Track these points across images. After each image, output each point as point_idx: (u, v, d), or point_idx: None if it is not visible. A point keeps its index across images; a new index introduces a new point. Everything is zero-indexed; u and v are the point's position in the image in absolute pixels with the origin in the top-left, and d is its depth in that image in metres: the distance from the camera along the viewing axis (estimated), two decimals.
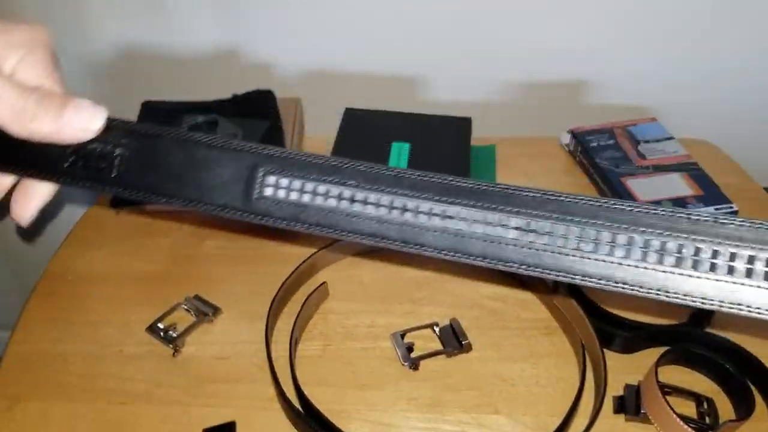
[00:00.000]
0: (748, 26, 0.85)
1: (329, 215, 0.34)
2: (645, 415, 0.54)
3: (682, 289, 0.30)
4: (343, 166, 0.34)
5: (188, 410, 0.56)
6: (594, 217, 0.31)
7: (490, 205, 0.33)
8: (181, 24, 0.88)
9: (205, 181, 0.34)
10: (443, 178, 0.33)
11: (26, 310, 0.65)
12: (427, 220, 0.33)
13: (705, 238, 0.30)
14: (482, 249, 0.33)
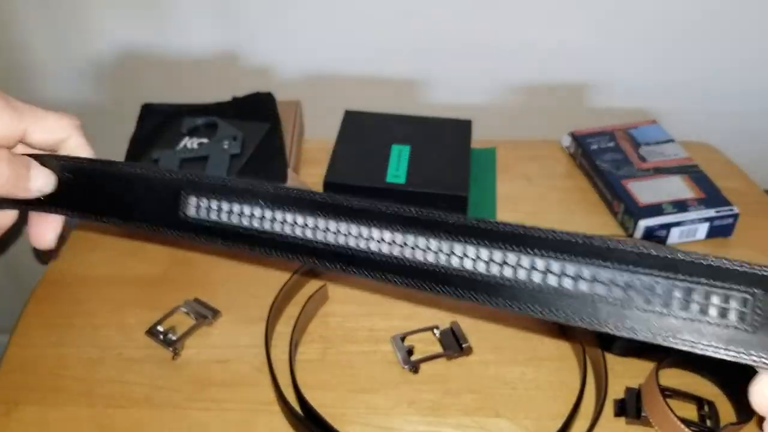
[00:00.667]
0: (750, 29, 0.85)
1: (244, 232, 0.37)
2: (646, 418, 0.53)
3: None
4: (253, 188, 0.37)
5: (188, 414, 0.56)
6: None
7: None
8: (181, 26, 0.88)
9: (137, 203, 0.40)
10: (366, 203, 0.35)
11: (25, 313, 0.65)
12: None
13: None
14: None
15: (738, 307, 0.29)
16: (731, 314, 0.29)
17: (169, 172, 0.39)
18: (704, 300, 0.30)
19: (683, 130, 0.86)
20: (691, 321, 0.30)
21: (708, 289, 0.30)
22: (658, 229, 0.69)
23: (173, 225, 0.39)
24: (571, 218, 0.75)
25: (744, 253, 0.70)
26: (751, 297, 0.29)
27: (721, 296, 0.29)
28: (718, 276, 0.30)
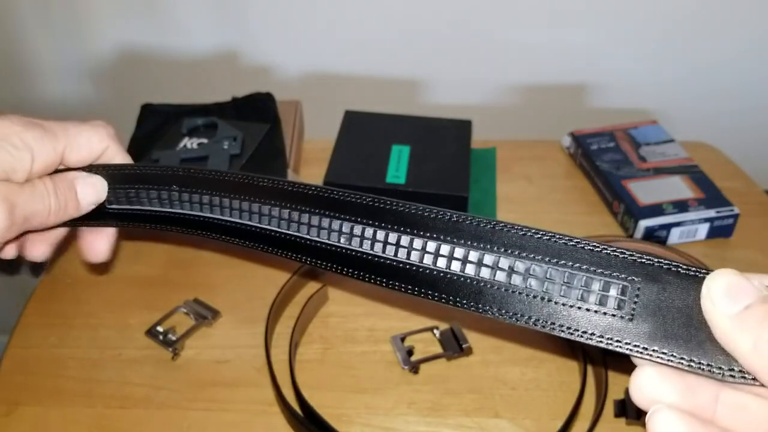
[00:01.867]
0: (750, 30, 0.85)
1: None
2: None
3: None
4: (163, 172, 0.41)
5: (187, 414, 0.56)
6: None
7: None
8: (180, 26, 0.88)
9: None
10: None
11: (25, 313, 0.65)
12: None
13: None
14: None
15: (617, 295, 0.29)
16: (610, 301, 0.29)
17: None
18: (584, 286, 0.30)
19: (683, 130, 0.86)
20: (570, 307, 0.30)
21: (588, 276, 0.30)
22: (658, 230, 0.69)
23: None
24: (571, 218, 0.75)
25: (745, 253, 0.70)
26: (629, 285, 0.29)
27: (602, 283, 0.29)
28: (599, 263, 0.29)
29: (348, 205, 0.35)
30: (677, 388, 0.27)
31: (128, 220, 0.42)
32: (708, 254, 0.69)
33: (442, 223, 0.33)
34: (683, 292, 0.28)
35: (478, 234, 0.32)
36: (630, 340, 0.29)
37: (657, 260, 0.29)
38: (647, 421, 0.27)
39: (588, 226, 0.73)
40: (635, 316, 0.29)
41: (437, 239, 0.33)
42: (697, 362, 0.27)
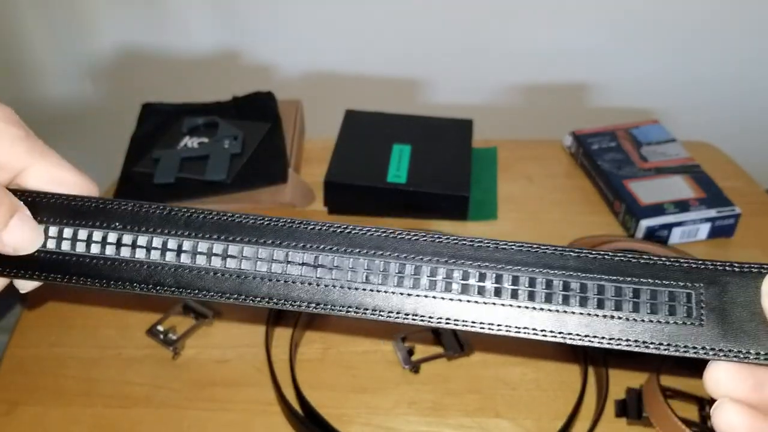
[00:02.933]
0: (751, 29, 0.85)
1: (91, 264, 0.32)
2: (647, 418, 0.53)
3: (471, 318, 0.31)
4: (108, 207, 0.33)
5: (188, 414, 0.56)
6: (380, 248, 0.31)
7: (275, 241, 0.31)
8: (181, 26, 0.88)
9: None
10: (220, 214, 0.32)
11: (24, 313, 0.65)
12: (206, 261, 0.32)
13: (488, 263, 0.31)
14: (268, 290, 0.32)
15: (685, 303, 0.29)
16: (679, 310, 0.29)
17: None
18: (651, 299, 0.30)
19: (685, 129, 0.86)
20: (642, 322, 0.30)
21: (653, 288, 0.30)
22: (659, 229, 0.69)
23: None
24: (572, 218, 0.75)
25: (746, 253, 0.70)
26: (692, 292, 0.29)
27: (666, 294, 0.30)
28: (660, 275, 0.30)
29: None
30: (748, 384, 0.29)
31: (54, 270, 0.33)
32: (709, 254, 0.69)
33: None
34: (743, 290, 0.29)
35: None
36: (705, 345, 0.29)
37: (712, 263, 0.30)
38: (712, 414, 0.29)
39: (589, 226, 0.73)
40: (704, 320, 0.29)
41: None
42: (764, 354, 0.28)
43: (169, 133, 0.78)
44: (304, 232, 0.31)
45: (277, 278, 0.31)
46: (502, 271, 0.31)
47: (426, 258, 0.31)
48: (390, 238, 0.31)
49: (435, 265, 0.31)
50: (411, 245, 0.31)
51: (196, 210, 0.32)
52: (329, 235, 0.31)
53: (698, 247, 0.70)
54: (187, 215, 0.32)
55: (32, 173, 0.34)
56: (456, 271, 0.30)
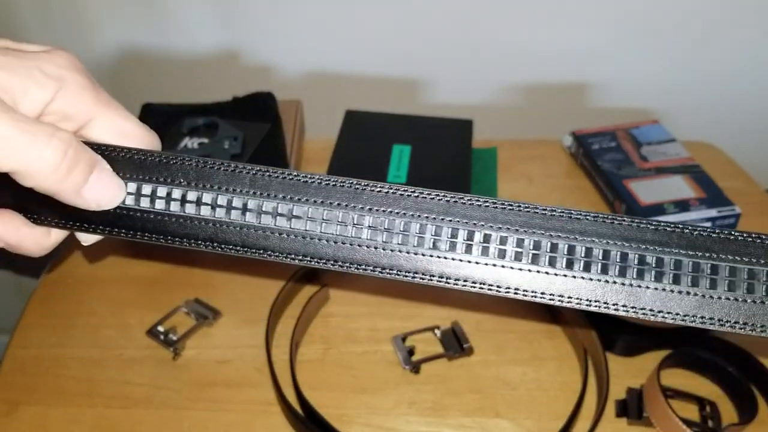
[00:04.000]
0: (752, 29, 0.85)
1: (156, 219, 0.32)
2: (647, 418, 0.53)
3: (540, 289, 0.30)
4: (172, 162, 0.32)
5: (188, 414, 0.56)
6: (449, 213, 0.30)
7: (341, 203, 0.31)
8: (181, 26, 0.88)
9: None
10: (286, 173, 0.31)
11: (25, 313, 0.65)
12: (271, 221, 0.31)
13: (561, 234, 0.30)
14: (333, 252, 0.31)
15: (765, 281, 0.28)
16: (758, 288, 0.28)
17: None
18: (730, 276, 0.29)
19: (685, 129, 0.86)
20: (710, 299, 0.29)
21: (732, 265, 0.29)
22: None
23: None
24: None
25: None
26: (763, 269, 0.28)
27: (746, 271, 0.29)
28: (740, 251, 0.29)
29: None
30: None
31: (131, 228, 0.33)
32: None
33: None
34: None
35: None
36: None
37: None
38: None
39: None
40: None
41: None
42: None
43: (169, 134, 0.78)
44: (371, 194, 0.31)
45: (343, 241, 0.31)
46: (574, 242, 0.30)
47: (496, 226, 0.30)
48: (459, 204, 0.30)
49: (504, 233, 0.30)
50: (480, 212, 0.30)
51: (261, 168, 0.32)
52: (397, 199, 0.31)
53: None
54: (253, 173, 0.32)
55: (97, 124, 0.33)
56: (527, 239, 0.30)
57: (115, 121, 0.33)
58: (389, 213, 0.31)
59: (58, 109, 0.31)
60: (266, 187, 0.31)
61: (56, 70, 0.31)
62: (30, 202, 0.34)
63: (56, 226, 0.34)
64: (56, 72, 0.31)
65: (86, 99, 0.32)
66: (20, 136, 0.28)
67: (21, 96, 0.30)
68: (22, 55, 0.30)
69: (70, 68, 0.31)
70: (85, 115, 0.32)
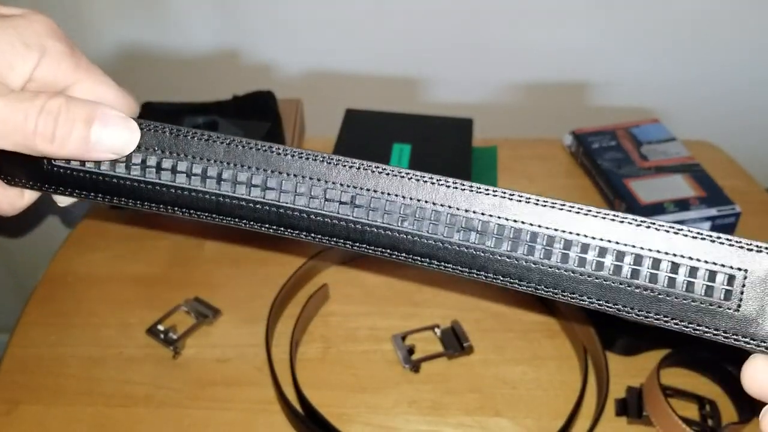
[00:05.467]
0: (752, 28, 0.84)
1: (132, 186, 0.33)
2: (647, 417, 0.53)
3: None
4: (147, 129, 0.32)
5: (188, 413, 0.56)
6: (422, 197, 0.32)
7: (312, 176, 0.32)
8: (181, 25, 0.88)
9: None
10: (260, 144, 0.32)
11: (25, 312, 0.65)
12: (245, 191, 0.32)
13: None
14: (307, 224, 0.32)
15: (724, 286, 0.28)
16: (716, 292, 0.28)
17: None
18: (691, 277, 0.29)
19: (685, 128, 0.86)
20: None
21: (693, 264, 0.29)
22: None
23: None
24: None
25: None
26: (737, 275, 0.28)
27: (708, 273, 0.28)
28: (710, 253, 0.29)
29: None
30: None
31: (133, 196, 0.33)
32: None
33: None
34: None
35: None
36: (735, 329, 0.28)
37: (757, 246, 0.28)
38: (761, 419, 0.27)
39: None
40: (741, 305, 0.28)
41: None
42: None
43: None
44: (343, 169, 0.32)
45: (316, 214, 0.32)
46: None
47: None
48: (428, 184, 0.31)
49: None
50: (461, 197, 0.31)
51: (235, 139, 0.32)
52: (368, 176, 0.32)
53: None
54: (227, 143, 0.32)
55: (76, 90, 0.33)
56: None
57: (93, 87, 0.34)
58: (360, 189, 0.32)
59: (39, 76, 0.31)
60: (241, 158, 0.32)
61: (37, 39, 0.31)
62: (4, 165, 0.34)
63: (30, 188, 0.34)
64: (37, 41, 0.31)
65: (66, 66, 0.32)
66: (13, 115, 0.29)
67: (8, 71, 0.30)
68: (2, 24, 0.30)
69: (49, 35, 0.32)
70: (64, 82, 0.33)
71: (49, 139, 0.30)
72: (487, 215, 0.31)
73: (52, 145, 0.30)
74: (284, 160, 0.32)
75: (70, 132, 0.30)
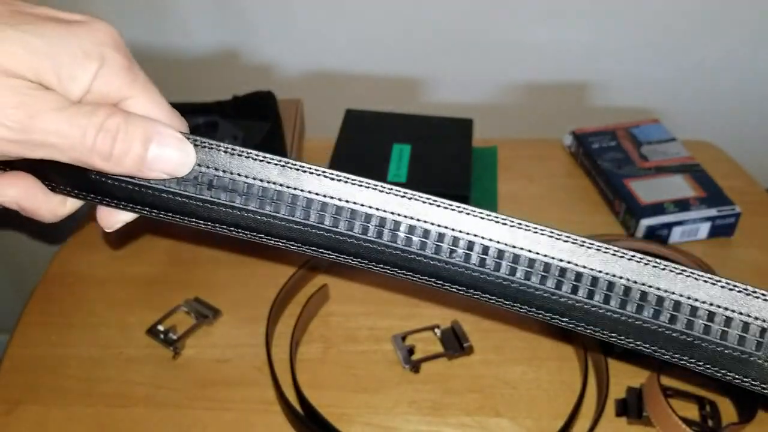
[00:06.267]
0: (752, 28, 0.84)
1: (181, 202, 0.33)
2: (647, 418, 0.53)
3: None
4: (205, 147, 0.33)
5: (188, 413, 0.56)
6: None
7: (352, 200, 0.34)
8: (181, 25, 0.88)
9: None
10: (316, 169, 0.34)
11: (25, 313, 0.65)
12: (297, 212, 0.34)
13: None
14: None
15: (756, 337, 0.31)
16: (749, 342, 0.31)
17: None
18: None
19: (685, 129, 0.86)
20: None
21: (728, 315, 0.31)
22: (659, 229, 0.69)
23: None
24: (572, 217, 0.75)
25: (746, 252, 0.70)
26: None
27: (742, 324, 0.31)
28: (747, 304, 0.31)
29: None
30: None
31: (189, 214, 0.33)
32: (709, 253, 0.69)
33: None
34: None
35: None
36: None
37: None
38: None
39: (589, 225, 0.73)
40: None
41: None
42: None
43: None
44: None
45: (371, 242, 0.33)
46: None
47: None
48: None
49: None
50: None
51: (289, 162, 0.34)
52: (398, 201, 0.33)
53: (698, 246, 0.70)
54: (281, 164, 0.34)
55: (129, 106, 0.32)
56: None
57: (146, 105, 0.33)
58: (424, 222, 0.33)
59: (96, 89, 0.31)
60: (295, 181, 0.34)
61: (97, 49, 0.30)
62: (50, 171, 0.34)
63: (75, 196, 0.34)
64: (97, 51, 0.30)
65: (121, 80, 0.31)
66: (71, 131, 0.29)
67: (69, 83, 0.29)
68: (63, 31, 0.29)
69: (110, 45, 0.31)
70: (118, 95, 0.32)
71: (105, 157, 0.30)
72: (561, 260, 0.33)
73: (108, 163, 0.30)
74: (336, 185, 0.33)
75: (127, 152, 0.30)
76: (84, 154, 0.30)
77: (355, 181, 0.33)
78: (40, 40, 0.28)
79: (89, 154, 0.30)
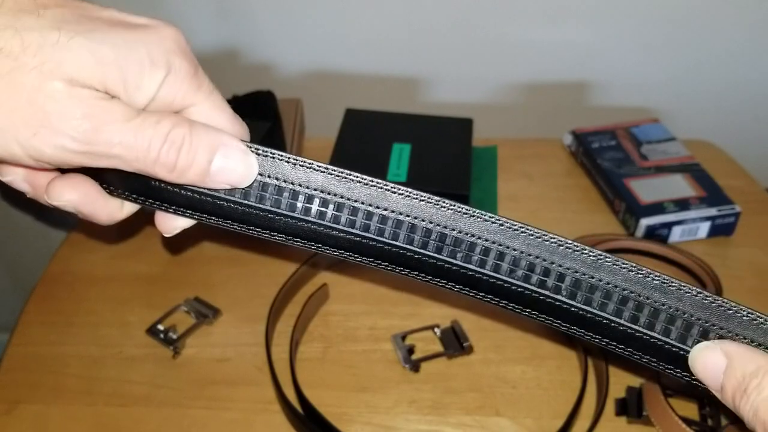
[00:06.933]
0: (752, 28, 0.84)
1: (243, 211, 0.34)
2: (647, 417, 0.53)
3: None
4: (272, 157, 0.33)
5: (188, 412, 0.56)
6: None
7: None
8: (181, 24, 0.87)
9: None
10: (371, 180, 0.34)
11: (25, 312, 0.65)
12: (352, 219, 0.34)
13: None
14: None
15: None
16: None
17: None
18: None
19: (685, 128, 0.86)
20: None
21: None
22: (659, 228, 0.69)
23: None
24: (572, 217, 0.75)
25: (746, 252, 0.70)
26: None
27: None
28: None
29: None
30: None
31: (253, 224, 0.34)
32: (709, 253, 0.69)
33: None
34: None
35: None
36: None
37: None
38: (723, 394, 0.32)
39: (589, 225, 0.73)
40: None
41: None
42: None
43: None
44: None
45: (422, 255, 0.36)
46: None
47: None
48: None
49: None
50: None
51: (351, 174, 0.34)
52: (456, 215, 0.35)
53: (698, 245, 0.70)
54: (343, 176, 0.34)
55: (193, 113, 0.32)
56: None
57: (210, 112, 0.33)
58: (473, 237, 0.35)
59: (161, 96, 0.30)
60: (357, 194, 0.33)
61: (164, 57, 0.30)
62: (109, 174, 0.33)
63: (134, 201, 0.34)
64: (164, 59, 0.30)
65: (187, 87, 0.31)
66: (136, 142, 0.29)
67: (134, 92, 0.29)
68: (131, 38, 0.29)
69: (176, 52, 0.31)
70: (182, 103, 0.32)
71: (169, 168, 0.30)
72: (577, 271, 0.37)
73: (172, 174, 0.30)
74: (391, 197, 0.33)
75: (191, 164, 0.30)
76: (148, 165, 0.29)
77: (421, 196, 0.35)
78: (108, 48, 0.28)
79: (153, 165, 0.29)
